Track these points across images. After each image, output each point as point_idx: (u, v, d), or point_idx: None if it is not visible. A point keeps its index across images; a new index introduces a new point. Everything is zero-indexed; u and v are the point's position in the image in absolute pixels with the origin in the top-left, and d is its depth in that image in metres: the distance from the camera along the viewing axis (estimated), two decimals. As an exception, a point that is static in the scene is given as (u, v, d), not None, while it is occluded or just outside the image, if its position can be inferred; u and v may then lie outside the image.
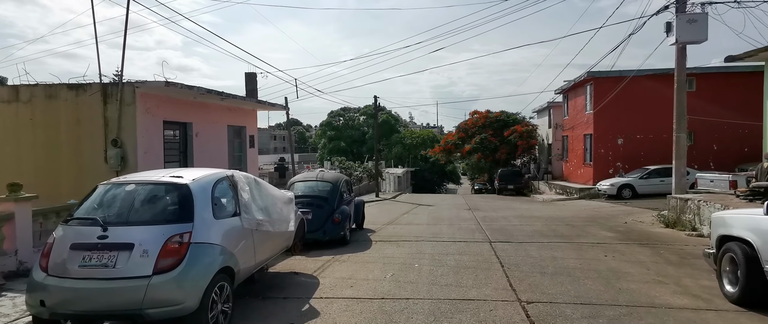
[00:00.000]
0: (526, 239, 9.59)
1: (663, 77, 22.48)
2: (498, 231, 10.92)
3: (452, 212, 16.46)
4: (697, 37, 11.72)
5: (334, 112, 68.33)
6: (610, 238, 9.59)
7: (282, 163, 59.71)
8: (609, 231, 10.68)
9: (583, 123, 25.03)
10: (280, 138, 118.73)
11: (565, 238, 9.64)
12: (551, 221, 13.00)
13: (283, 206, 5.84)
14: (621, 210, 15.78)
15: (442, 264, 7.14)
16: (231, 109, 11.57)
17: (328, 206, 9.06)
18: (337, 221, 8.85)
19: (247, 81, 12.93)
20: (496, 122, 35.56)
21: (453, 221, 13.35)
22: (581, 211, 16.26)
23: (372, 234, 10.77)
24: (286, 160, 69.37)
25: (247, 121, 12.36)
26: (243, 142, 12.21)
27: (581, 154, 25.48)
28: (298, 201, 9.05)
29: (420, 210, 17.88)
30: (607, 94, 22.45)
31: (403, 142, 58.71)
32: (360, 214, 11.31)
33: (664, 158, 22.97)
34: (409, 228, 11.90)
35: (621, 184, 19.98)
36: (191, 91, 9.13)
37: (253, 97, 12.33)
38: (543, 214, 14.97)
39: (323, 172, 9.97)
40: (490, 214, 15.56)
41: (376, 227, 12.08)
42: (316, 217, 8.77)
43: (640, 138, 22.97)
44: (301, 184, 9.61)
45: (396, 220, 14.17)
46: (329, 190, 9.36)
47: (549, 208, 17.62)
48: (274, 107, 12.55)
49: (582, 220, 13.08)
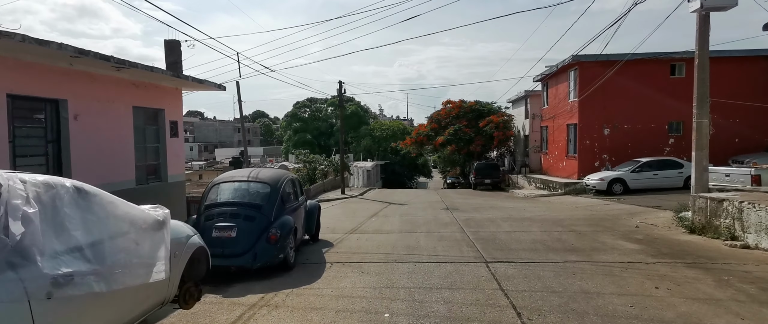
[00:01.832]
0: (531, 256, 7.25)
1: (655, 63, 20.74)
2: (490, 242, 8.56)
3: (428, 214, 14.07)
4: (726, 1, 9.63)
5: (299, 103, 64.94)
6: (637, 253, 7.38)
7: (239, 157, 56.15)
8: (628, 240, 8.50)
9: (566, 112, 23.13)
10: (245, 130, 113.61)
11: (580, 254, 7.36)
12: (548, 225, 10.78)
13: (139, 238, 3.17)
14: (619, 209, 13.78)
15: (426, 313, 4.65)
16: (139, 86, 8.67)
17: (263, 218, 6.43)
18: (275, 239, 6.23)
19: (168, 50, 9.95)
20: (470, 112, 33.45)
21: (431, 227, 10.94)
22: (575, 210, 14.17)
23: (328, 250, 8.20)
24: (249, 153, 65.74)
25: (168, 102, 9.49)
26: (160, 129, 9.31)
27: (563, 146, 23.61)
28: (216, 211, 6.38)
29: (391, 210, 15.42)
30: (593, 81, 20.53)
31: (373, 135, 56.08)
32: (314, 221, 8.72)
33: (653, 150, 21.30)
34: (377, 239, 9.40)
35: (612, 178, 18.09)
36: (58, 51, 6.07)
37: (175, 71, 9.44)
38: (534, 215, 12.77)
39: (258, 171, 7.31)
40: (473, 215, 13.25)
41: (336, 237, 9.52)
42: (243, 234, 6.14)
43: (627, 128, 21.21)
44: (224, 186, 6.93)
45: (361, 225, 11.64)
46: (265, 194, 6.72)
47: (537, 207, 15.49)
48: (205, 85, 9.70)
49: (584, 223, 10.92)
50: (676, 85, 20.84)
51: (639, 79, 20.68)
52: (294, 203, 7.57)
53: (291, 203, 7.37)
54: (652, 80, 20.82)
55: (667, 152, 20.87)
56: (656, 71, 20.83)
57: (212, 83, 9.68)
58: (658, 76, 20.87)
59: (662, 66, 20.84)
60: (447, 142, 32.30)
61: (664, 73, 20.88)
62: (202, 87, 9.78)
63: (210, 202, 6.58)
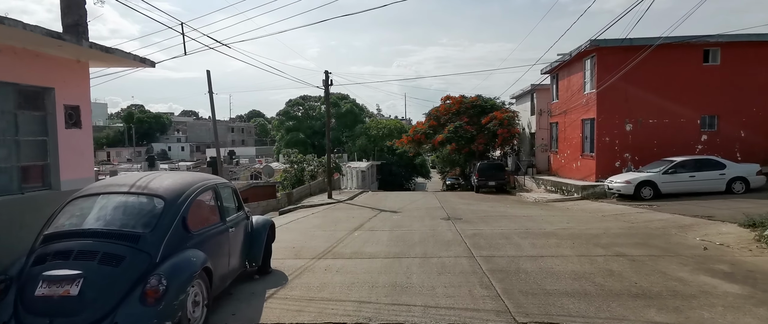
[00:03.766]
0: (583, 310, 4.63)
1: (685, 48, 18.08)
2: (513, 277, 5.93)
3: (426, 225, 11.43)
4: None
5: (292, 101, 62.25)
6: (748, 303, 4.77)
7: (230, 156, 53.42)
8: (712, 275, 5.88)
9: (581, 106, 20.51)
10: (238, 130, 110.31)
11: (660, 307, 4.73)
12: (582, 244, 8.16)
13: None
14: (660, 219, 11.17)
15: None
16: (4, 52, 6.04)
17: (138, 258, 3.76)
18: (154, 297, 3.55)
19: (65, 8, 7.25)
20: (472, 108, 30.81)
21: (429, 248, 8.31)
22: (604, 220, 11.57)
23: (274, 294, 5.54)
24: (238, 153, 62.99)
25: (62, 79, 6.81)
26: (49, 116, 6.61)
27: (577, 144, 20.99)
28: (53, 249, 3.74)
29: (380, 221, 12.78)
30: (614, 69, 17.91)
31: (368, 134, 53.33)
32: (261, 246, 6.06)
33: (682, 148, 18.66)
34: (354, 268, 6.76)
35: (640, 180, 15.47)
36: None
37: (75, 35, 6.75)
38: (557, 228, 10.16)
39: (154, 176, 4.62)
40: (481, 228, 10.63)
41: (297, 267, 6.87)
42: (94, 290, 3.48)
43: (652, 123, 18.58)
44: (87, 204, 4.25)
45: (338, 244, 8.99)
46: (151, 216, 4.03)
47: (555, 215, 12.87)
48: (115, 56, 6.94)
49: (628, 241, 8.31)
50: (709, 73, 18.23)
51: (666, 67, 18.07)
52: (217, 226, 4.92)
53: (209, 227, 4.71)
54: (682, 68, 18.21)
55: (699, 150, 18.26)
56: (686, 58, 18.22)
57: (126, 53, 6.94)
58: (689, 63, 18.25)
59: (693, 52, 18.21)
60: (446, 140, 29.67)
61: (696, 60, 18.26)
62: (112, 60, 7.05)
63: (53, 230, 3.92)
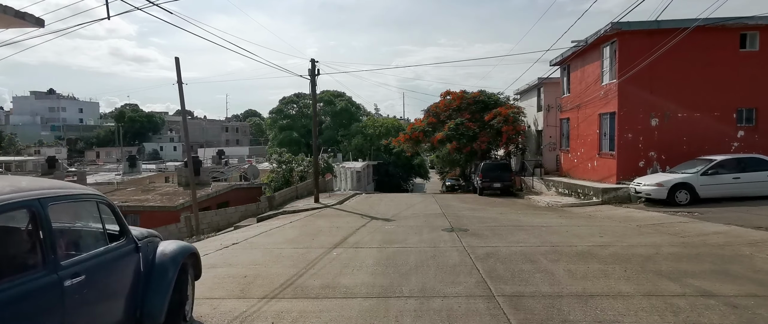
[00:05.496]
0: None
1: (719, 32, 15.82)
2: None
3: (424, 239, 9.16)
4: None
5: (286, 99, 59.90)
6: None
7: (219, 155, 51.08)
8: None
9: (598, 99, 18.29)
10: (232, 130, 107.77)
11: None
12: (637, 271, 5.93)
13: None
14: (715, 232, 8.95)
15: None
16: None
17: None
18: None
19: None
20: (474, 104, 28.54)
21: (429, 282, 6.06)
22: (642, 232, 9.33)
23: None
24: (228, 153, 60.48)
25: None
26: None
27: (594, 142, 18.77)
28: None
29: (369, 232, 10.50)
30: (639, 57, 15.68)
31: (365, 132, 51.03)
32: (161, 295, 3.80)
33: (716, 145, 16.40)
34: (317, 321, 4.52)
35: (675, 183, 13.25)
36: None
37: None
38: (592, 246, 7.92)
39: None
40: (496, 244, 8.37)
41: (237, 314, 4.63)
42: None
43: (682, 117, 16.37)
44: None
45: (306, 272, 6.71)
46: None
47: (580, 226, 10.62)
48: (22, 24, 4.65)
49: (698, 269, 6.09)
50: (747, 60, 16.03)
51: (697, 54, 15.88)
52: (30, 279, 2.66)
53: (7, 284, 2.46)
54: (716, 55, 16.01)
55: (735, 148, 16.06)
56: (721, 43, 16.02)
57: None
58: (724, 49, 16.05)
59: (729, 36, 16.01)
60: (446, 138, 27.39)
61: (732, 46, 16.05)
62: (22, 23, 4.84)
63: None
